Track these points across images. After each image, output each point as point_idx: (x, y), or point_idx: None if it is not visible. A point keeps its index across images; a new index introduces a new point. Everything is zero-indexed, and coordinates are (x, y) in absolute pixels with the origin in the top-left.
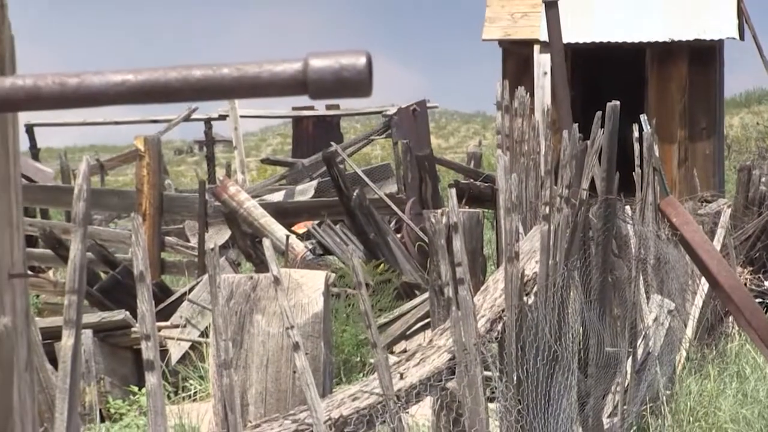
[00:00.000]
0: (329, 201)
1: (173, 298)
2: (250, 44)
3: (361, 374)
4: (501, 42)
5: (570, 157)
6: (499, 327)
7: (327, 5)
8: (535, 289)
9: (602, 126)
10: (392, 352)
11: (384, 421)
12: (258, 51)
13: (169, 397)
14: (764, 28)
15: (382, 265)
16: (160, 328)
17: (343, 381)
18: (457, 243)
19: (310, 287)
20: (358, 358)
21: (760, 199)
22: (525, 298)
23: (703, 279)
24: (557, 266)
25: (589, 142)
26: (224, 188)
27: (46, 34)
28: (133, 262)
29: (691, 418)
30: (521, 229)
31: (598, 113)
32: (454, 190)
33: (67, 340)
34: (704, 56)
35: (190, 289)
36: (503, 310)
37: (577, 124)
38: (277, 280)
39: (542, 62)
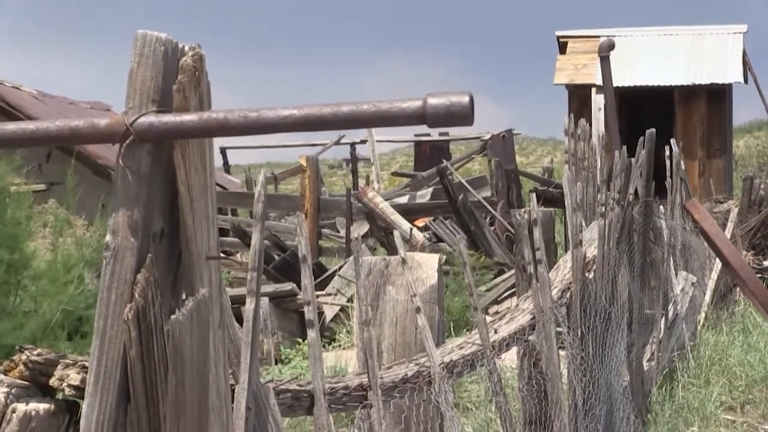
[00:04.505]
0: (441, 203)
1: (328, 273)
2: (375, 84)
3: (466, 330)
4: (567, 85)
5: (620, 170)
6: (568, 295)
7: (439, 56)
8: (594, 267)
9: (642, 147)
10: (487, 314)
11: (482, 364)
12: (382, 89)
13: (324, 347)
14: (762, 74)
15: (481, 256)
16: (317, 296)
17: (452, 335)
18: (536, 233)
19: (427, 266)
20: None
21: (760, 200)
22: (587, 274)
23: (717, 260)
24: (610, 250)
25: (633, 160)
26: (365, 193)
27: (229, 80)
28: (298, 247)
29: (708, 363)
30: (583, 224)
31: (640, 138)
32: (533, 195)
33: (249, 305)
34: (718, 95)
35: (340, 268)
36: (570, 283)
37: (624, 147)
38: (403, 261)
39: (598, 101)
